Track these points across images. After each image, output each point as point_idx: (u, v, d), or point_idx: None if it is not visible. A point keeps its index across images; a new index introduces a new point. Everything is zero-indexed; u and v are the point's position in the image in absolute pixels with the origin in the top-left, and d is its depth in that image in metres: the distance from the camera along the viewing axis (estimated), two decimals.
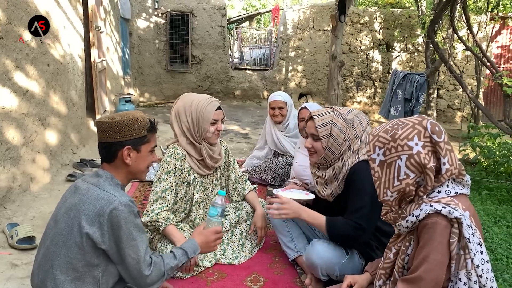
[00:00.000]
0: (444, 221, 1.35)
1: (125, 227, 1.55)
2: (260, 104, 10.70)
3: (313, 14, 10.57)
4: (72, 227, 1.56)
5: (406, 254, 1.47)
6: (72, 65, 4.80)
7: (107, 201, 1.55)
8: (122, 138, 1.66)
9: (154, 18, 10.20)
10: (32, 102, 3.62)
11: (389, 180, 1.44)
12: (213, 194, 2.68)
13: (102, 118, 1.70)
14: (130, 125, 1.66)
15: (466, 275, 1.36)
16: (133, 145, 1.68)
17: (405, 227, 1.45)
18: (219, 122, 2.50)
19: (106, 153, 1.70)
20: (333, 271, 2.07)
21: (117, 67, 7.60)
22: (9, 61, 3.24)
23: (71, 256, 1.55)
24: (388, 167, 1.44)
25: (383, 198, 1.48)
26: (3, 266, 2.46)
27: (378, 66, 10.65)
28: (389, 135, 1.44)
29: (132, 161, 1.69)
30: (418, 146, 1.38)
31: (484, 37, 9.47)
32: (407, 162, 1.40)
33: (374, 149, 1.47)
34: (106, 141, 1.68)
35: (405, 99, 3.53)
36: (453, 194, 1.42)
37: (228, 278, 2.40)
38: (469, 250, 1.34)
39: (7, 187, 3.17)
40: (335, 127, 2.08)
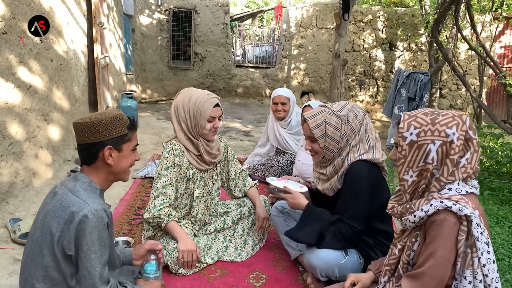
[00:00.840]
0: (453, 218, 1.35)
1: (89, 237, 1.49)
2: (262, 102, 10.69)
3: (316, 12, 10.55)
4: (45, 235, 1.53)
5: (412, 250, 1.47)
6: (75, 61, 4.79)
7: (77, 208, 1.50)
8: (102, 138, 1.60)
9: (157, 14, 10.19)
10: (35, 98, 3.62)
11: (414, 160, 1.45)
12: (213, 189, 2.68)
13: (80, 119, 1.64)
14: (109, 124, 1.61)
15: (472, 273, 1.35)
16: (114, 145, 1.63)
17: (411, 222, 1.45)
18: (216, 119, 2.48)
19: (86, 154, 1.63)
20: (332, 272, 2.07)
21: (120, 63, 7.60)
22: (13, 56, 3.24)
23: (45, 265, 1.53)
24: (418, 148, 1.44)
25: (403, 175, 1.49)
26: (6, 261, 2.47)
27: (381, 65, 10.63)
28: (428, 118, 1.44)
29: (114, 161, 1.64)
30: (455, 136, 1.39)
31: (488, 37, 9.44)
32: (439, 148, 1.41)
33: (409, 128, 1.45)
34: (85, 142, 1.61)
35: (409, 98, 3.53)
36: (463, 192, 1.42)
37: (231, 275, 2.40)
38: (477, 248, 1.34)
39: (10, 182, 3.18)
40: (329, 126, 2.08)
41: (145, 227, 2.58)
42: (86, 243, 1.49)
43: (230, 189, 2.82)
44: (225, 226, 2.70)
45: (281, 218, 2.54)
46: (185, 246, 2.31)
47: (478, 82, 8.08)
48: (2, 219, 2.94)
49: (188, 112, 2.44)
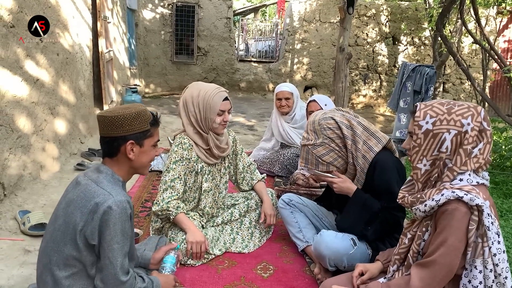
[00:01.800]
0: (464, 208, 1.36)
1: (113, 228, 1.51)
2: (265, 97, 10.69)
3: (319, 6, 10.52)
4: (68, 224, 1.55)
5: (423, 239, 1.49)
6: (81, 55, 4.81)
7: (102, 199, 1.52)
8: (125, 133, 1.61)
9: (160, 9, 10.18)
10: (42, 91, 3.64)
11: (429, 149, 1.47)
12: (221, 183, 2.70)
13: (104, 112, 1.66)
14: (133, 119, 1.62)
15: (483, 263, 1.37)
16: (136, 140, 1.64)
17: (422, 212, 1.46)
18: (226, 113, 2.50)
19: (108, 147, 1.65)
20: (341, 262, 2.09)
21: (124, 57, 7.61)
22: (20, 49, 3.26)
23: (67, 253, 1.55)
24: (433, 137, 1.46)
25: (416, 164, 1.50)
26: (17, 252, 2.50)
27: (384, 59, 10.61)
28: (444, 108, 1.46)
29: (135, 156, 1.65)
30: (469, 126, 1.41)
31: (492, 31, 9.41)
32: (454, 137, 1.43)
33: (425, 117, 1.47)
34: (109, 136, 1.63)
35: (415, 91, 3.53)
36: (474, 183, 1.43)
37: (238, 266, 2.43)
38: (488, 238, 1.35)
39: (18, 175, 3.21)
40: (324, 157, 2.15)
41: (153, 219, 2.61)
42: (110, 234, 1.51)
43: (238, 182, 2.84)
44: (232, 218, 2.73)
45: (288, 210, 2.57)
46: (193, 238, 2.33)
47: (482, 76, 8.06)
48: (11, 211, 2.97)
49: (198, 106, 2.46)
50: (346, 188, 2.14)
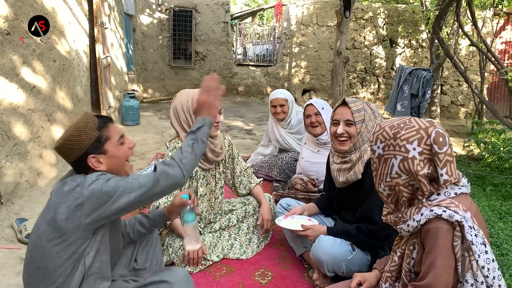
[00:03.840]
0: (445, 225, 1.34)
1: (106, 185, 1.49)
2: (264, 100, 10.69)
3: (316, 10, 10.54)
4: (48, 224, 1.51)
5: (412, 258, 1.47)
6: (78, 61, 4.81)
7: (81, 185, 1.49)
8: (79, 152, 1.55)
9: (158, 14, 10.19)
10: (38, 98, 3.64)
11: (383, 174, 1.46)
12: (217, 188, 2.69)
13: (56, 143, 1.61)
14: (77, 137, 1.54)
15: (472, 276, 1.35)
16: (94, 152, 1.57)
17: (406, 231, 1.45)
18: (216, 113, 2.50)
19: (79, 169, 1.61)
20: (339, 268, 2.08)
21: (121, 63, 7.61)
22: (16, 56, 3.25)
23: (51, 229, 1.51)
24: (384, 162, 1.45)
25: (377, 188, 1.50)
26: (13, 261, 2.48)
27: (381, 62, 10.63)
28: (392, 132, 1.43)
29: (106, 164, 1.60)
30: (415, 151, 1.37)
31: (489, 32, 9.43)
32: (400, 163, 1.40)
33: (376, 142, 1.47)
34: (71, 161, 1.59)
35: (412, 94, 3.53)
36: (452, 195, 1.40)
37: (236, 273, 2.41)
38: (473, 252, 1.33)
39: (15, 183, 3.20)
40: (366, 114, 2.18)
41: None
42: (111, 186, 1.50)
43: (235, 186, 2.83)
44: (230, 224, 2.72)
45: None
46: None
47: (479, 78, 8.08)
48: (8, 219, 2.95)
49: (188, 112, 2.46)
50: (319, 232, 2.20)
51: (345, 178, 2.22)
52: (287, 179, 3.82)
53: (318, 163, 3.29)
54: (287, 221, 2.37)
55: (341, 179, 2.24)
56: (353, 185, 2.20)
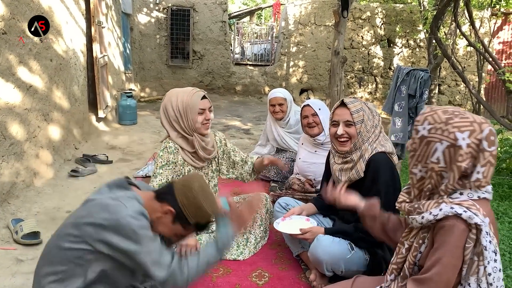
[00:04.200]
0: (462, 225, 1.31)
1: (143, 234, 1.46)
2: (261, 100, 10.68)
3: (314, 9, 10.54)
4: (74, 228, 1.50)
5: (419, 251, 1.45)
6: (75, 60, 4.79)
7: (115, 209, 1.46)
8: (176, 202, 1.57)
9: (155, 13, 10.17)
10: (35, 97, 3.62)
11: (422, 156, 1.43)
12: (211, 185, 2.69)
13: (196, 185, 1.60)
14: (194, 207, 1.57)
15: (476, 281, 1.33)
16: (175, 215, 1.58)
17: (418, 222, 1.43)
18: (206, 111, 2.50)
19: (165, 194, 1.61)
20: (338, 267, 2.08)
21: (119, 62, 7.58)
22: (13, 56, 3.23)
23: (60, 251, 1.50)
24: (426, 144, 1.41)
25: (411, 168, 1.47)
26: (9, 262, 2.47)
27: (379, 61, 10.63)
28: (444, 116, 1.39)
29: (160, 221, 1.59)
30: (464, 141, 1.33)
31: (486, 32, 9.45)
32: (445, 149, 1.36)
33: (423, 122, 1.43)
34: (176, 194, 1.59)
35: (409, 95, 3.53)
36: (475, 198, 1.38)
37: (233, 274, 2.41)
38: (484, 257, 1.31)
39: (11, 183, 3.18)
40: (365, 114, 2.19)
41: None
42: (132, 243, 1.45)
43: (239, 171, 2.79)
44: None
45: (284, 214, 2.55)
46: (184, 241, 2.30)
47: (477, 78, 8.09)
48: (4, 219, 2.94)
49: (178, 110, 2.46)
50: (317, 233, 2.21)
51: (347, 178, 2.22)
52: (285, 180, 3.82)
53: (315, 164, 3.29)
54: (285, 223, 2.36)
55: (343, 178, 2.24)
56: (353, 184, 2.20)
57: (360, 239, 2.11)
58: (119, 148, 5.28)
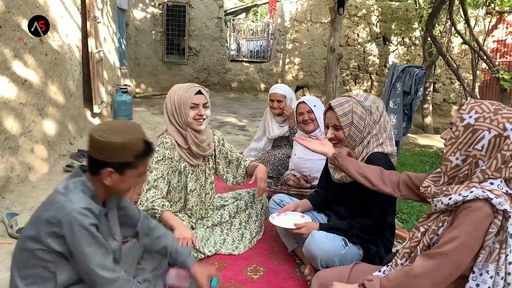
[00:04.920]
0: (489, 210, 1.33)
1: (79, 235, 1.46)
2: (257, 97, 10.69)
3: (310, 7, 10.54)
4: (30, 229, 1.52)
5: (436, 234, 1.45)
6: (70, 55, 4.77)
7: (61, 206, 1.47)
8: (104, 159, 1.53)
9: (151, 8, 10.13)
10: (30, 92, 3.60)
11: (465, 143, 1.43)
12: (207, 183, 2.70)
13: (96, 130, 1.55)
14: (116, 149, 1.52)
15: (496, 269, 1.33)
16: (116, 169, 1.55)
17: (444, 204, 1.42)
18: (200, 106, 2.49)
19: (89, 166, 1.59)
20: (332, 263, 2.10)
21: (114, 57, 7.56)
22: (8, 50, 3.22)
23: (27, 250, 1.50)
24: (472, 132, 1.42)
25: (448, 156, 1.47)
26: (4, 256, 2.47)
27: (375, 59, 10.67)
28: (493, 107, 1.42)
29: (113, 182, 1.57)
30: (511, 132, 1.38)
31: (481, 31, 9.51)
32: (493, 138, 1.38)
33: (470, 111, 1.44)
34: (90, 155, 1.56)
35: (404, 92, 3.55)
36: (504, 191, 1.39)
37: (229, 268, 2.42)
38: (508, 245, 1.32)
39: (6, 177, 3.17)
40: (355, 115, 2.12)
41: None
42: (77, 241, 1.46)
43: (234, 174, 2.80)
44: (222, 220, 2.73)
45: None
46: (180, 234, 2.29)
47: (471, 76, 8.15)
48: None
49: (174, 104, 2.49)
50: (312, 228, 2.22)
51: (340, 177, 2.24)
52: (280, 176, 3.83)
53: (310, 160, 3.31)
54: (280, 219, 2.38)
55: (337, 176, 2.26)
56: (351, 182, 2.21)
57: (355, 235, 2.13)
58: None
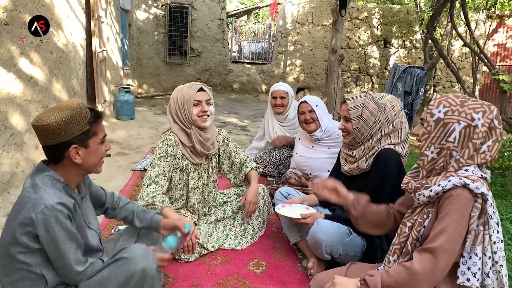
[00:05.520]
0: (469, 195, 1.40)
1: (52, 232, 1.45)
2: (258, 98, 10.74)
3: (312, 9, 10.60)
4: (7, 231, 1.50)
5: (423, 226, 1.51)
6: (74, 54, 4.81)
7: (33, 205, 1.44)
8: (63, 139, 1.50)
9: (154, 9, 10.19)
10: (35, 89, 3.65)
11: (438, 137, 1.50)
12: (210, 182, 2.73)
13: (37, 120, 1.52)
14: (68, 123, 1.49)
15: (482, 249, 1.40)
16: (79, 143, 1.54)
17: (426, 196, 1.49)
18: (203, 103, 2.53)
19: (51, 155, 1.55)
20: (336, 249, 2.14)
21: (117, 57, 7.61)
22: (14, 47, 3.26)
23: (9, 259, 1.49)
24: (443, 125, 1.49)
25: (424, 151, 1.54)
26: None
27: (376, 62, 10.71)
28: (459, 100, 1.50)
29: (82, 158, 1.56)
30: (479, 121, 1.44)
31: (481, 35, 9.56)
32: (463, 129, 1.46)
33: (438, 106, 1.52)
34: (48, 144, 1.52)
35: (405, 92, 3.59)
36: (478, 175, 1.46)
37: (231, 263, 2.46)
38: (490, 226, 1.39)
39: (11, 172, 3.21)
40: (366, 110, 2.18)
41: None
42: (52, 238, 1.45)
43: (236, 176, 2.85)
44: (225, 216, 2.76)
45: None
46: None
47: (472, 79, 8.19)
48: (4, 208, 2.97)
49: (177, 103, 2.53)
50: (317, 218, 2.27)
51: (349, 169, 2.29)
52: (281, 175, 3.86)
53: (311, 158, 3.34)
54: (286, 209, 2.42)
55: (346, 168, 2.32)
56: (360, 176, 2.26)
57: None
58: (117, 142, 5.31)
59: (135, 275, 1.56)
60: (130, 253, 1.60)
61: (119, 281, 1.55)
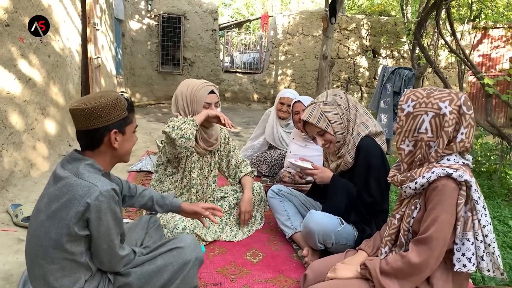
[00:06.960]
0: (453, 184, 1.46)
1: (104, 218, 1.47)
2: (250, 107, 10.86)
3: (302, 20, 10.82)
4: (53, 220, 1.48)
5: (412, 217, 1.57)
6: (70, 59, 4.88)
7: (87, 192, 1.45)
8: (106, 123, 1.54)
9: (147, 20, 10.32)
10: (34, 91, 3.71)
11: (410, 130, 1.58)
12: (210, 176, 2.80)
13: (78, 104, 1.53)
14: (111, 107, 1.54)
15: (473, 235, 1.46)
16: (119, 128, 1.58)
17: (412, 189, 1.55)
18: (212, 105, 2.60)
19: (89, 140, 1.57)
20: (329, 238, 2.22)
21: (111, 66, 7.68)
22: (15, 48, 3.33)
23: (53, 249, 1.48)
24: (413, 118, 1.57)
25: (399, 145, 1.62)
26: (11, 241, 2.55)
27: (364, 71, 10.93)
28: (425, 92, 1.58)
29: (119, 144, 1.60)
30: (447, 109, 1.51)
31: (467, 45, 9.83)
32: (432, 119, 1.53)
33: (407, 101, 1.60)
34: (89, 128, 1.53)
35: (394, 92, 3.72)
36: (460, 163, 1.53)
37: (229, 253, 2.53)
38: (477, 211, 1.45)
39: (10, 171, 3.25)
40: (327, 114, 2.27)
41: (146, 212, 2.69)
42: (103, 225, 1.48)
43: (230, 177, 2.94)
44: (222, 210, 2.83)
45: (277, 199, 2.69)
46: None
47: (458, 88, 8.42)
48: (3, 205, 3.01)
49: (186, 101, 2.58)
50: (326, 177, 2.34)
51: (334, 166, 2.39)
52: (275, 175, 3.94)
53: (305, 157, 3.43)
54: (298, 162, 2.52)
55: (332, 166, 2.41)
56: (347, 170, 2.35)
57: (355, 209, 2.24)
58: None
59: (190, 263, 1.74)
60: (184, 242, 1.77)
61: (175, 268, 1.70)
